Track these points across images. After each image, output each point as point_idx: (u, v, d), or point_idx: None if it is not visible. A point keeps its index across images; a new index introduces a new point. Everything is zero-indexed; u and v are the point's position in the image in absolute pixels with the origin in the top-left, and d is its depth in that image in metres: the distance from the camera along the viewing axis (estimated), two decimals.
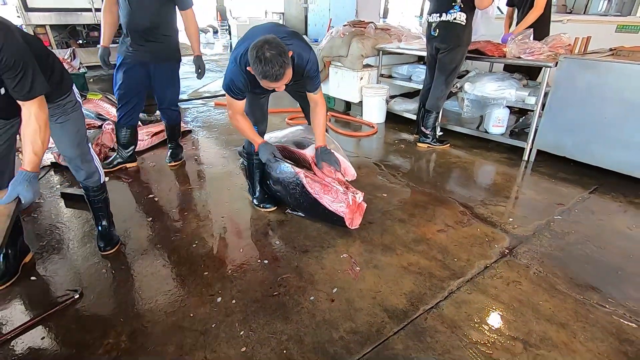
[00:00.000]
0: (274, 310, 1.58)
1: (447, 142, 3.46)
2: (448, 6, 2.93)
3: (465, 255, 1.93)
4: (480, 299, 1.64)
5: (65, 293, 1.66)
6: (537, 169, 2.98)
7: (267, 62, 1.59)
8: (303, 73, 1.91)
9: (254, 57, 1.61)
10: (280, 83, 1.70)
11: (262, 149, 2.07)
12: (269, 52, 1.59)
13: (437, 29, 3.04)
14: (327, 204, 2.04)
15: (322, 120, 2.12)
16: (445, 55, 3.07)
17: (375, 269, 1.83)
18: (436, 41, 3.10)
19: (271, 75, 1.62)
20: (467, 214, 2.32)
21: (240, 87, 1.88)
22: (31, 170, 1.37)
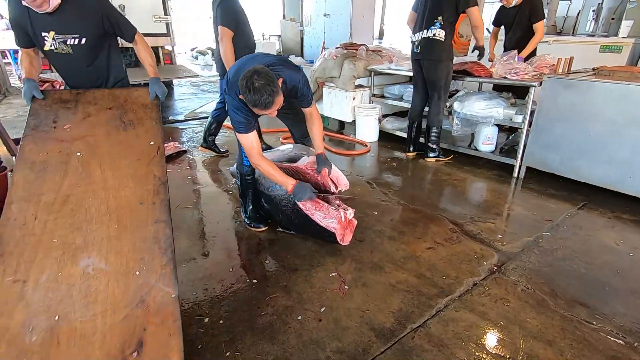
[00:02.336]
0: (261, 330, 1.57)
1: (450, 155, 3.59)
2: (429, 24, 3.14)
3: (454, 273, 1.94)
4: (467, 317, 1.64)
5: None
6: (526, 185, 3.02)
7: (256, 91, 1.64)
8: (297, 93, 2.00)
9: (244, 87, 1.67)
10: (271, 110, 1.75)
11: (298, 190, 1.97)
12: (257, 82, 1.64)
13: (419, 45, 3.24)
14: (318, 220, 2.06)
15: (319, 129, 2.16)
16: (432, 73, 3.23)
17: (364, 287, 1.84)
18: (420, 57, 3.28)
19: (261, 103, 1.68)
20: (456, 231, 2.34)
21: (245, 119, 1.89)
22: (155, 75, 2.03)
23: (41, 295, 1.20)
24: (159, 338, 1.15)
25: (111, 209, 1.47)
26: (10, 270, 1.23)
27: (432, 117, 3.39)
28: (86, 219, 1.42)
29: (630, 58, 4.23)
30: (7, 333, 1.09)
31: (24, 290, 1.20)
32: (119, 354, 1.10)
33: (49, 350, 1.08)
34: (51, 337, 1.11)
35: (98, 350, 1.11)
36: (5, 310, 1.14)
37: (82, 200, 1.47)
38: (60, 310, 1.18)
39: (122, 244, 1.37)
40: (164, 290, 1.27)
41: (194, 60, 11.80)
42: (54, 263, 1.28)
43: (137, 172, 1.62)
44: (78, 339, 1.13)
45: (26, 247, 1.30)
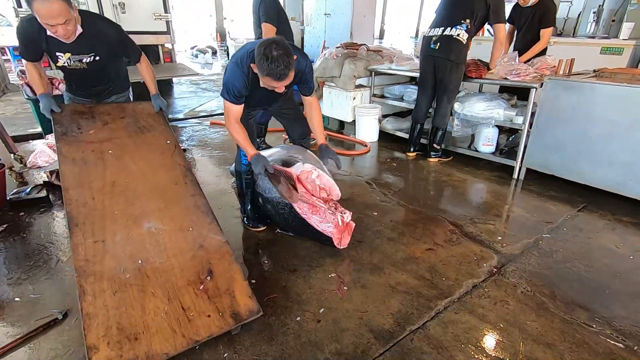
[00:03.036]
0: (259, 331, 1.56)
1: (450, 156, 3.59)
2: (455, 22, 3.02)
3: (453, 275, 1.93)
4: (467, 319, 1.63)
5: (49, 314, 1.64)
6: (526, 187, 3.01)
7: (273, 60, 1.60)
8: (301, 77, 1.98)
9: (261, 54, 1.62)
10: (283, 83, 1.71)
11: (254, 161, 1.97)
12: (276, 51, 1.60)
13: (438, 42, 3.10)
14: (315, 224, 2.05)
15: (319, 119, 2.16)
16: (447, 74, 3.15)
17: (363, 288, 1.83)
18: (437, 54, 3.14)
19: (276, 73, 1.64)
20: (456, 232, 2.33)
21: (239, 90, 1.86)
22: (156, 92, 2.27)
23: (120, 249, 1.54)
24: (223, 267, 1.58)
25: (153, 189, 1.82)
26: (88, 234, 1.55)
27: (440, 119, 3.37)
28: (135, 197, 1.75)
29: (631, 60, 4.22)
30: (104, 275, 1.43)
31: (105, 247, 1.53)
32: (197, 279, 1.50)
33: (142, 282, 1.45)
34: (141, 273, 1.47)
35: (180, 278, 1.49)
36: (96, 260, 1.47)
37: (126, 184, 1.79)
38: (141, 256, 1.53)
39: (172, 212, 1.74)
40: (215, 238, 1.69)
41: (193, 59, 11.77)
42: (122, 227, 1.62)
43: (164, 162, 1.98)
44: (162, 273, 1.50)
45: (95, 219, 1.61)
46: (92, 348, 1.21)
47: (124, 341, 1.25)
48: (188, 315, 1.39)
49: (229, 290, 1.53)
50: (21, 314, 1.66)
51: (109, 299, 1.38)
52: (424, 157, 3.66)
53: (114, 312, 1.34)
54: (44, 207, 2.62)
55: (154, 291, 1.44)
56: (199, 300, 1.46)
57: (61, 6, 1.74)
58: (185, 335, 1.33)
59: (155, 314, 1.37)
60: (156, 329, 1.32)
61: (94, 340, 1.25)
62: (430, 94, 3.40)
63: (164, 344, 1.28)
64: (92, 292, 1.38)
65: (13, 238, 2.26)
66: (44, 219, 2.47)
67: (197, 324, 1.37)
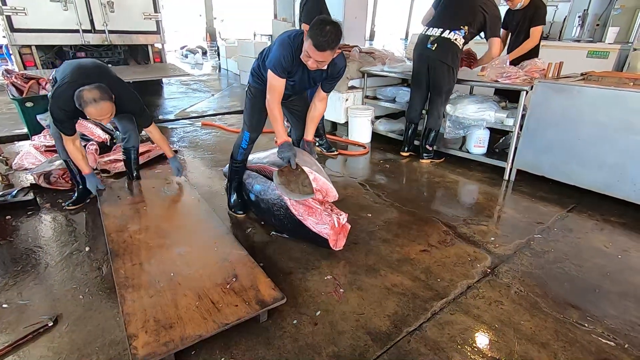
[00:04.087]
0: (256, 335, 1.55)
1: (442, 157, 3.62)
2: (455, 26, 3.04)
3: (448, 276, 1.94)
4: (462, 320, 1.64)
5: (38, 320, 1.60)
6: (517, 188, 3.05)
7: (324, 30, 1.73)
8: (331, 73, 2.07)
9: (317, 23, 1.75)
10: (323, 56, 1.80)
11: (283, 147, 2.06)
12: (329, 27, 1.74)
13: (436, 43, 3.11)
14: (311, 226, 2.05)
15: (319, 116, 2.27)
16: (441, 76, 3.17)
17: (359, 290, 1.83)
18: (433, 55, 3.15)
19: (320, 43, 1.74)
20: (450, 233, 2.35)
21: (287, 62, 1.94)
22: (173, 155, 2.76)
23: (155, 268, 1.80)
24: (246, 271, 1.77)
25: (181, 226, 2.24)
26: (127, 260, 1.86)
27: (433, 120, 3.39)
28: (165, 233, 2.12)
29: (616, 63, 4.33)
30: (142, 286, 1.66)
31: (141, 267, 1.81)
32: (224, 281, 1.70)
33: (175, 287, 1.66)
34: (173, 282, 1.70)
35: (208, 282, 1.70)
36: (134, 277, 1.73)
37: (157, 226, 2.20)
38: (173, 270, 1.78)
39: (198, 239, 2.07)
40: (238, 252, 1.93)
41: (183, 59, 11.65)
42: (155, 253, 1.93)
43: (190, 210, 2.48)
44: (192, 281, 1.71)
45: (132, 250, 1.95)
46: (132, 336, 1.38)
47: (160, 329, 1.41)
48: (217, 306, 1.55)
49: (253, 286, 1.68)
50: (9, 321, 1.61)
51: (146, 302, 1.57)
52: (416, 158, 3.69)
53: (151, 310, 1.52)
54: (32, 210, 2.56)
55: (185, 293, 1.63)
56: (226, 296, 1.62)
57: (108, 106, 2.15)
58: (216, 321, 1.46)
59: (188, 308, 1.53)
60: (189, 319, 1.48)
61: (133, 330, 1.41)
62: (424, 93, 3.42)
63: (196, 328, 1.43)
64: (131, 298, 1.58)
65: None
66: (31, 223, 2.41)
67: (225, 312, 1.51)
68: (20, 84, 3.75)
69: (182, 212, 2.48)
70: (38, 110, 3.73)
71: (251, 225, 2.41)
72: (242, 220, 2.47)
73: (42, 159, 3.26)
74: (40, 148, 3.45)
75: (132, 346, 1.33)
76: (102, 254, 2.09)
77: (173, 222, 2.28)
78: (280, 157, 2.10)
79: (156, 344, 1.35)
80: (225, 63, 9.94)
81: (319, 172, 2.13)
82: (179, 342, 1.36)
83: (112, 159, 3.32)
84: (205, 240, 2.05)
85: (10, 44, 4.95)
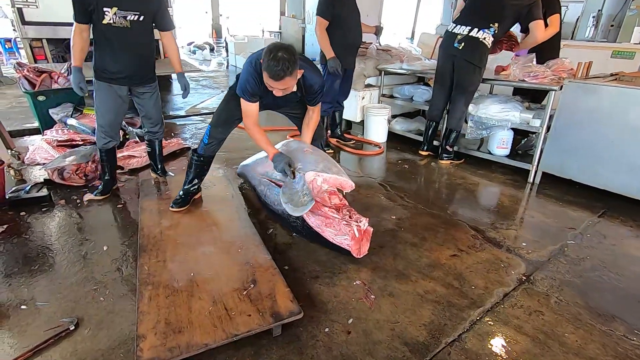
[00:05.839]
0: (287, 343, 1.47)
1: (462, 158, 3.53)
2: (484, 24, 2.92)
3: (482, 282, 1.86)
4: (503, 331, 1.56)
5: (59, 324, 1.53)
6: (543, 191, 2.96)
7: (275, 59, 1.69)
8: (310, 92, 2.08)
9: (268, 51, 1.72)
10: (278, 84, 1.77)
11: (276, 160, 2.06)
12: (281, 54, 1.69)
13: (463, 42, 3.00)
14: (330, 238, 1.94)
15: (314, 124, 2.27)
16: (466, 76, 3.07)
17: (391, 296, 1.75)
18: (459, 55, 3.04)
19: (273, 71, 1.71)
20: (478, 237, 2.27)
21: (252, 88, 1.95)
22: (182, 70, 2.58)
23: (177, 265, 1.78)
24: (266, 277, 1.71)
25: (210, 225, 2.21)
26: (152, 256, 1.85)
27: (455, 120, 3.29)
28: (195, 232, 2.10)
29: None
30: (161, 284, 1.65)
31: (164, 265, 1.79)
32: (242, 286, 1.64)
33: (192, 289, 1.62)
34: (191, 282, 1.67)
35: (225, 286, 1.65)
36: (156, 274, 1.71)
37: (189, 223, 2.19)
38: (194, 270, 1.75)
39: (224, 240, 2.03)
40: (261, 256, 1.87)
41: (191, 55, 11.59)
42: (180, 251, 1.91)
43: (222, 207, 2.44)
44: (210, 282, 1.67)
45: (160, 246, 1.94)
46: (141, 337, 1.35)
47: (169, 332, 1.38)
48: (230, 314, 1.48)
49: (271, 295, 1.60)
50: (29, 324, 1.54)
51: (162, 301, 1.54)
52: (434, 158, 3.60)
53: (164, 311, 1.49)
54: (46, 206, 2.49)
55: (200, 296, 1.59)
56: (241, 303, 1.55)
57: None
58: (225, 330, 1.40)
59: (200, 312, 1.48)
60: (199, 324, 1.42)
61: (143, 331, 1.38)
62: (447, 92, 3.32)
63: (204, 336, 1.37)
64: (148, 296, 1.57)
65: (14, 240, 2.13)
66: (47, 220, 2.35)
67: (237, 321, 1.44)
68: (33, 77, 3.68)
69: (213, 208, 2.41)
70: (50, 104, 3.67)
71: (272, 226, 2.33)
72: (263, 220, 2.39)
73: (54, 154, 3.19)
74: (52, 143, 3.38)
75: (138, 347, 1.31)
76: (120, 254, 2.02)
77: (203, 220, 2.26)
78: (277, 171, 2.09)
79: (162, 348, 1.31)
80: (233, 59, 9.86)
81: (327, 169, 2.04)
82: (184, 348, 1.32)
83: (125, 155, 3.26)
84: (231, 241, 2.01)
85: (21, 37, 4.89)
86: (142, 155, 3.20)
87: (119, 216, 2.44)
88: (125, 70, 2.32)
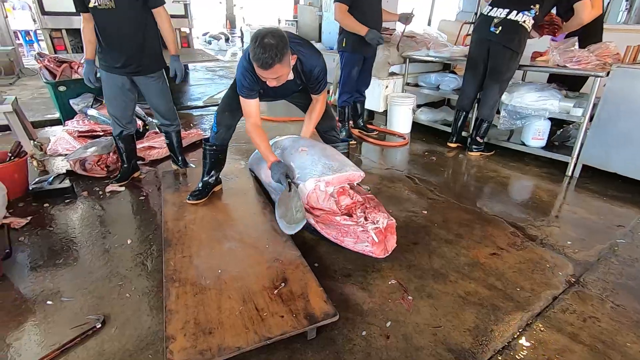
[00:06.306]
0: (322, 347, 1.38)
1: (492, 150, 3.34)
2: (524, 6, 2.71)
3: (527, 284, 1.73)
4: (557, 339, 1.43)
5: (86, 321, 1.47)
6: (583, 185, 2.78)
7: (262, 46, 1.56)
8: (310, 78, 1.91)
9: (254, 38, 1.59)
10: (270, 74, 1.65)
11: (273, 168, 1.91)
12: (268, 39, 1.56)
13: (501, 26, 2.79)
14: (350, 246, 1.79)
15: (315, 118, 2.13)
16: (503, 62, 2.87)
17: (430, 298, 1.63)
18: (496, 39, 2.83)
19: (260, 59, 1.58)
20: (519, 235, 2.12)
21: (249, 83, 1.84)
22: (176, 53, 2.42)
23: (203, 262, 1.70)
24: (297, 275, 1.61)
25: (236, 219, 2.12)
26: (178, 252, 1.76)
27: (487, 110, 3.11)
28: (220, 225, 2.01)
29: None
30: (188, 281, 1.57)
31: (191, 260, 1.71)
32: (272, 285, 1.55)
33: (220, 286, 1.54)
34: (220, 280, 1.58)
35: (255, 284, 1.56)
36: (182, 270, 1.63)
37: (213, 216, 2.10)
38: (221, 267, 1.66)
39: (250, 235, 1.92)
40: (290, 252, 1.77)
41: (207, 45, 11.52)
42: (207, 246, 1.82)
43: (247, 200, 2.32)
44: (238, 280, 1.59)
45: (185, 240, 1.86)
46: (170, 338, 1.28)
47: (199, 334, 1.30)
48: (261, 315, 1.40)
49: (303, 294, 1.50)
50: (54, 320, 1.49)
51: (190, 300, 1.47)
52: (462, 150, 3.44)
53: (193, 310, 1.41)
54: (69, 198, 2.45)
55: (230, 294, 1.50)
56: (272, 303, 1.46)
57: None
58: (258, 332, 1.32)
59: (230, 312, 1.41)
60: (230, 325, 1.35)
61: (172, 331, 1.31)
62: (480, 80, 3.13)
63: (236, 338, 1.29)
64: (175, 294, 1.49)
65: (38, 232, 2.10)
66: (70, 212, 2.31)
67: (269, 323, 1.36)
68: (53, 67, 3.66)
69: (237, 201, 2.31)
70: (71, 94, 3.64)
71: None
72: None
73: (75, 145, 3.16)
74: (74, 133, 3.36)
75: (168, 350, 1.23)
76: (145, 247, 1.96)
77: (229, 213, 2.17)
78: (273, 181, 1.96)
79: (193, 350, 1.23)
80: None
81: (327, 169, 1.85)
82: (216, 351, 1.23)
83: (146, 146, 3.20)
84: (258, 236, 1.90)
85: (41, 27, 4.87)
86: (163, 146, 3.15)
87: (142, 208, 2.39)
88: (120, 58, 2.24)
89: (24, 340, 1.40)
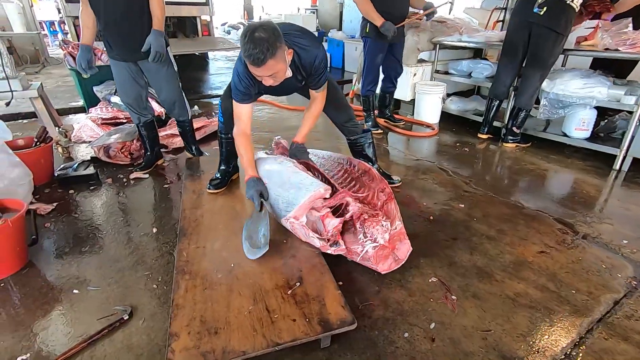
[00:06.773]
0: (362, 349, 1.28)
1: (529, 141, 3.16)
2: None
3: (584, 287, 1.57)
4: (624, 349, 1.29)
5: (113, 312, 1.41)
6: (633, 180, 2.56)
7: (252, 41, 1.43)
8: (310, 70, 1.75)
9: (244, 33, 1.46)
10: (264, 72, 1.52)
11: (249, 184, 1.74)
12: (258, 34, 1.44)
13: (545, 6, 2.56)
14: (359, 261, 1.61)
15: (312, 117, 1.97)
16: (548, 46, 2.65)
17: (475, 298, 1.50)
18: (540, 22, 2.61)
19: (251, 56, 1.45)
20: (568, 232, 1.96)
21: (243, 88, 1.73)
22: (158, 28, 2.16)
23: (217, 254, 1.63)
24: (314, 275, 1.50)
25: None
26: (193, 241, 1.70)
27: (527, 98, 2.90)
28: (237, 215, 1.93)
29: None
30: (199, 274, 1.49)
31: (204, 251, 1.64)
32: (286, 285, 1.44)
33: (232, 282, 1.46)
34: (232, 275, 1.50)
35: (268, 282, 1.46)
36: (194, 262, 1.56)
37: (232, 207, 2.02)
38: (234, 261, 1.58)
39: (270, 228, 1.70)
40: (308, 250, 1.65)
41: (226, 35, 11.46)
42: (221, 237, 1.74)
43: None
44: (251, 276, 1.49)
45: (200, 230, 1.79)
46: (174, 335, 1.21)
47: (203, 333, 1.22)
48: (272, 317, 1.29)
49: (319, 297, 1.37)
50: (81, 310, 1.44)
51: (199, 294, 1.39)
52: (494, 141, 3.25)
53: (201, 306, 1.33)
54: (94, 184, 2.42)
55: (241, 291, 1.41)
56: (285, 304, 1.34)
57: None
58: (266, 336, 1.21)
59: (239, 312, 1.31)
60: (237, 326, 1.25)
61: (176, 328, 1.23)
62: (518, 66, 2.93)
63: (242, 341, 1.19)
64: (184, 287, 1.42)
65: (64, 218, 2.06)
66: (94, 199, 2.27)
67: (280, 326, 1.25)
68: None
69: None
70: (94, 81, 3.62)
71: None
72: None
73: (99, 132, 3.14)
74: (97, 120, 3.34)
75: (169, 347, 1.15)
76: (171, 237, 1.89)
77: (248, 203, 2.01)
78: (246, 196, 1.77)
79: (195, 351, 1.15)
80: None
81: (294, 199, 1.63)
82: (219, 354, 1.13)
83: (168, 134, 3.15)
84: (275, 229, 1.77)
85: (65, 15, 4.88)
86: None
87: (166, 196, 2.33)
88: (119, 43, 2.19)
89: (50, 330, 1.35)
